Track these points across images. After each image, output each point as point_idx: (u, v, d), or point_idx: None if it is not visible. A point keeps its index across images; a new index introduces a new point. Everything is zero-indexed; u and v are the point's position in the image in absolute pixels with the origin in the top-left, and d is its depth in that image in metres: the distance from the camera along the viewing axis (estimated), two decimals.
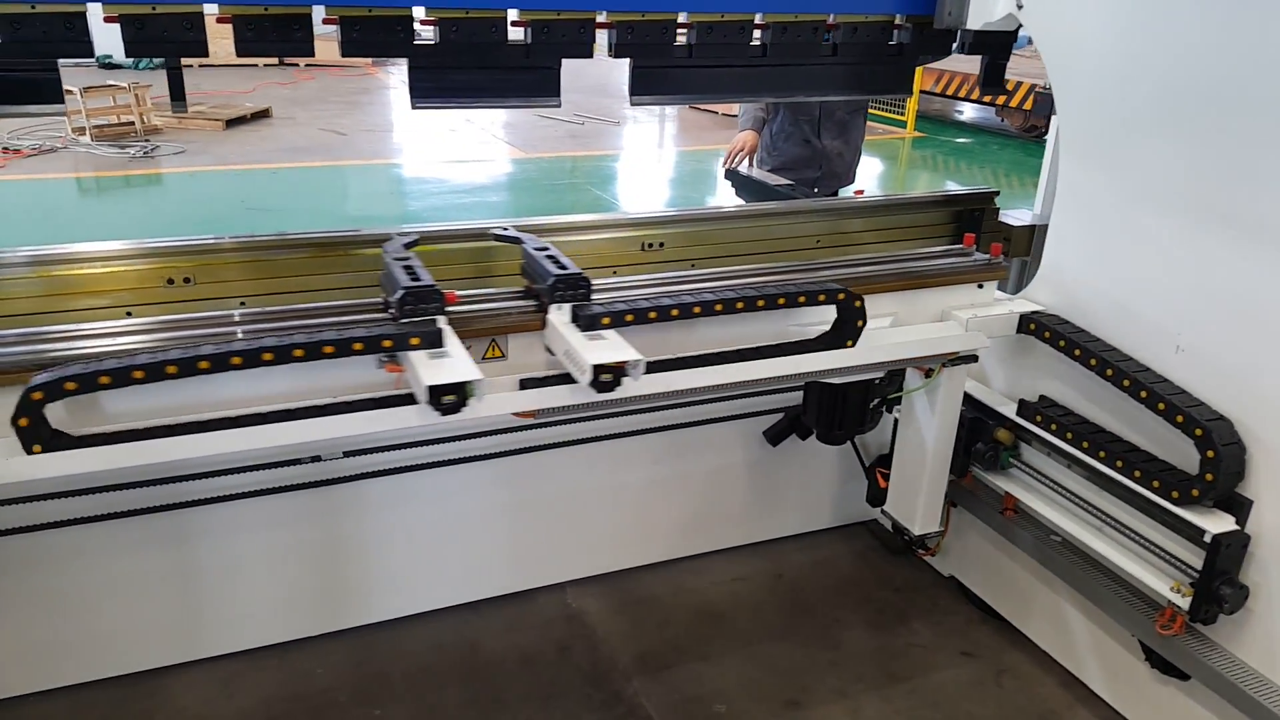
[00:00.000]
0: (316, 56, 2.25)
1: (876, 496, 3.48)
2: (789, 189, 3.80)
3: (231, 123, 12.02)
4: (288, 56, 2.16)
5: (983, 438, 3.07)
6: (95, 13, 2.14)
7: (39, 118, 9.57)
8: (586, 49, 2.54)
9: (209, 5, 2.23)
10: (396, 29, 2.34)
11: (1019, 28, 2.89)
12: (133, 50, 2.22)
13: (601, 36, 2.57)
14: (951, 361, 2.94)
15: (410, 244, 2.54)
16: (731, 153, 4.27)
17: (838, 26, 2.81)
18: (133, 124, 11.29)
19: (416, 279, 2.28)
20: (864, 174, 5.60)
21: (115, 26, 2.13)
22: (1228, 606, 2.45)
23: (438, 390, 2.04)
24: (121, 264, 2.49)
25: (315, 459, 2.81)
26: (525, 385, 2.37)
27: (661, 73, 2.70)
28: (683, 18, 2.61)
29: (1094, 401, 2.84)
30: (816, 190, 4.42)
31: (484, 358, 2.42)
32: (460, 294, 2.46)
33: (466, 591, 3.26)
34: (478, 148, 11.99)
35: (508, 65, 2.51)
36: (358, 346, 2.16)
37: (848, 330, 2.68)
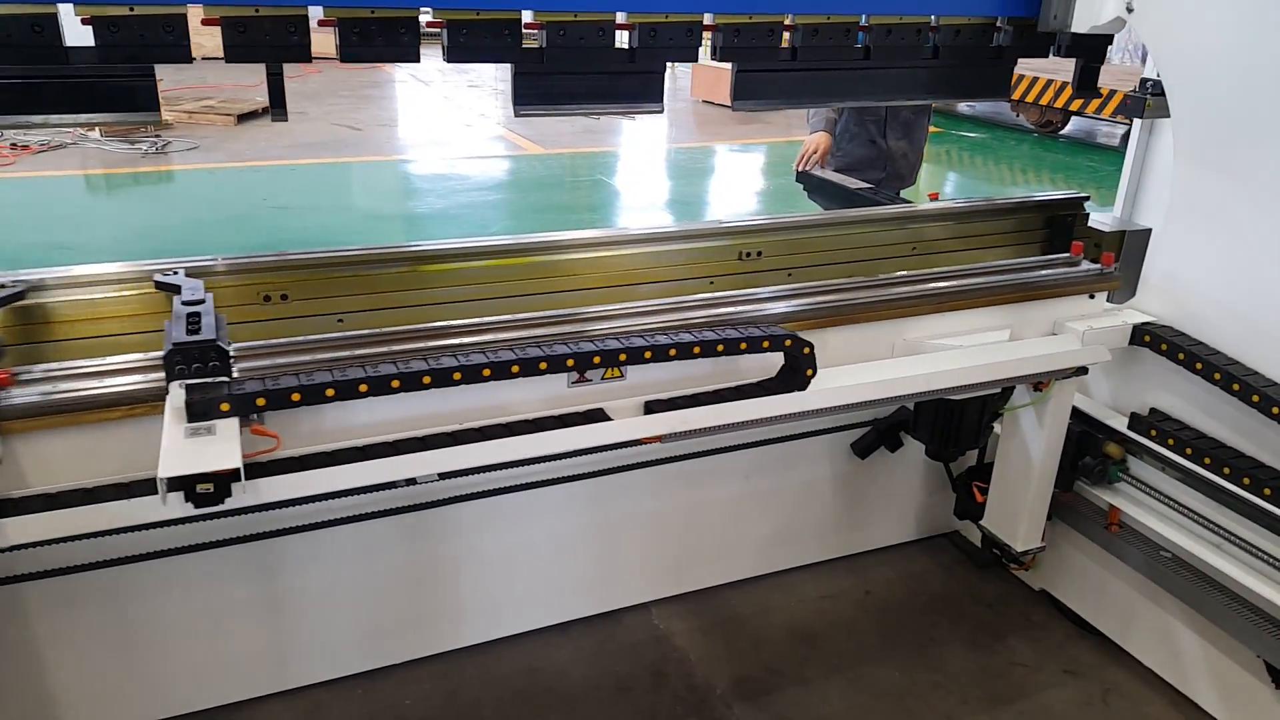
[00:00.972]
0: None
1: (968, 510, 3.39)
2: (872, 191, 3.70)
3: (243, 118, 11.85)
4: (391, 61, 2.18)
5: (1091, 451, 2.98)
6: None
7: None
8: (693, 53, 2.44)
9: (314, 7, 2.13)
10: (504, 33, 2.23)
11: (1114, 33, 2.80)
12: (233, 55, 2.09)
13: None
14: (1064, 375, 2.85)
15: (7, 298, 2.13)
16: (804, 155, 4.16)
17: (939, 29, 2.71)
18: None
19: None
20: None
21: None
22: None
23: None
24: (217, 280, 2.37)
25: (411, 482, 2.70)
26: (651, 409, 2.27)
27: (765, 76, 2.59)
28: (787, 20, 2.52)
29: (1212, 416, 2.76)
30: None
31: (603, 378, 2.31)
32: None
33: (553, 614, 3.16)
34: (494, 143, 11.84)
35: (613, 70, 2.41)
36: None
37: (796, 379, 2.40)
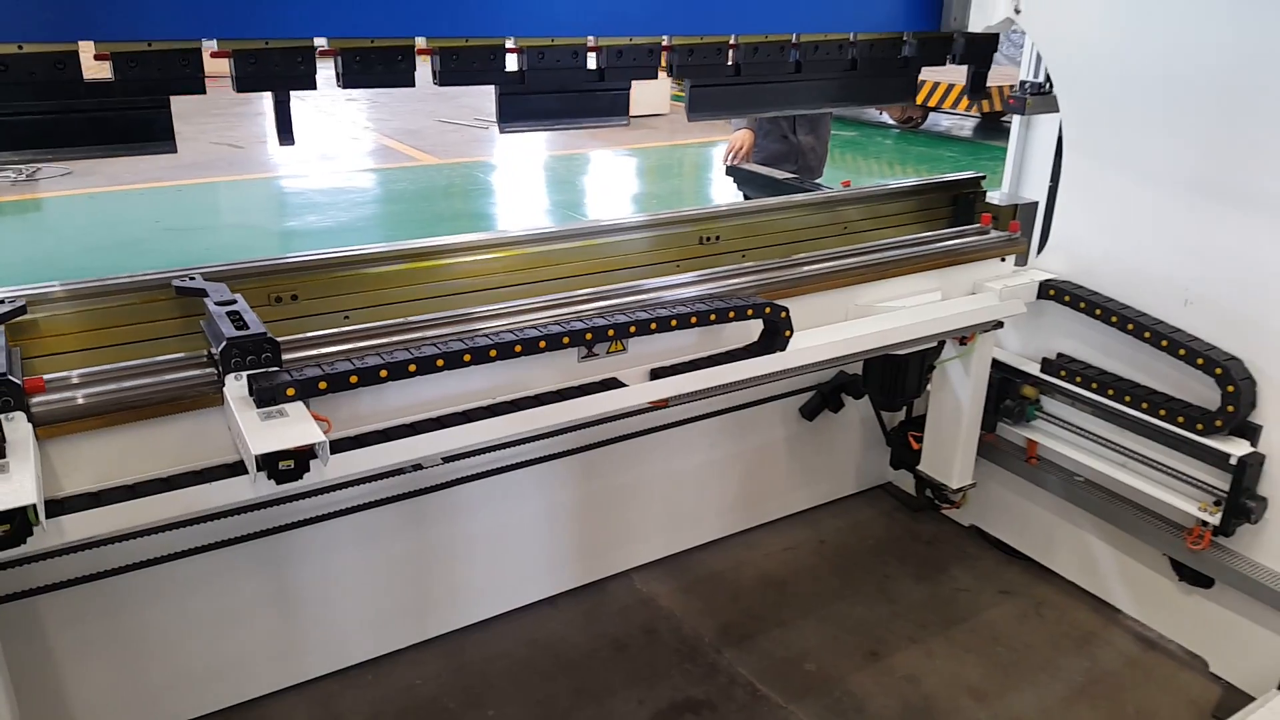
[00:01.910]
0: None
1: (904, 459, 3.79)
2: (797, 181, 4.06)
3: None
4: (389, 86, 2.21)
5: (1010, 395, 3.41)
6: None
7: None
8: (654, 71, 2.72)
9: (320, 40, 2.29)
10: (490, 58, 2.45)
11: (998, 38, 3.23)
12: (243, 86, 2.23)
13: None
14: (985, 328, 3.26)
15: (7, 314, 2.15)
16: (732, 150, 4.50)
17: (856, 43, 3.06)
18: None
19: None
20: None
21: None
22: (1254, 516, 2.86)
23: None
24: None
25: (417, 467, 2.87)
26: (656, 375, 2.54)
27: (715, 90, 2.89)
28: (732, 39, 2.82)
29: (1109, 354, 3.21)
30: None
31: (609, 352, 2.55)
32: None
33: (544, 588, 3.37)
34: (386, 155, 11.80)
35: (585, 88, 2.66)
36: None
37: (777, 342, 2.70)
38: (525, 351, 2.28)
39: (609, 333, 2.39)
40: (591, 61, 2.61)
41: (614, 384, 2.51)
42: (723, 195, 8.64)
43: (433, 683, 3.05)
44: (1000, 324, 3.32)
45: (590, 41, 2.58)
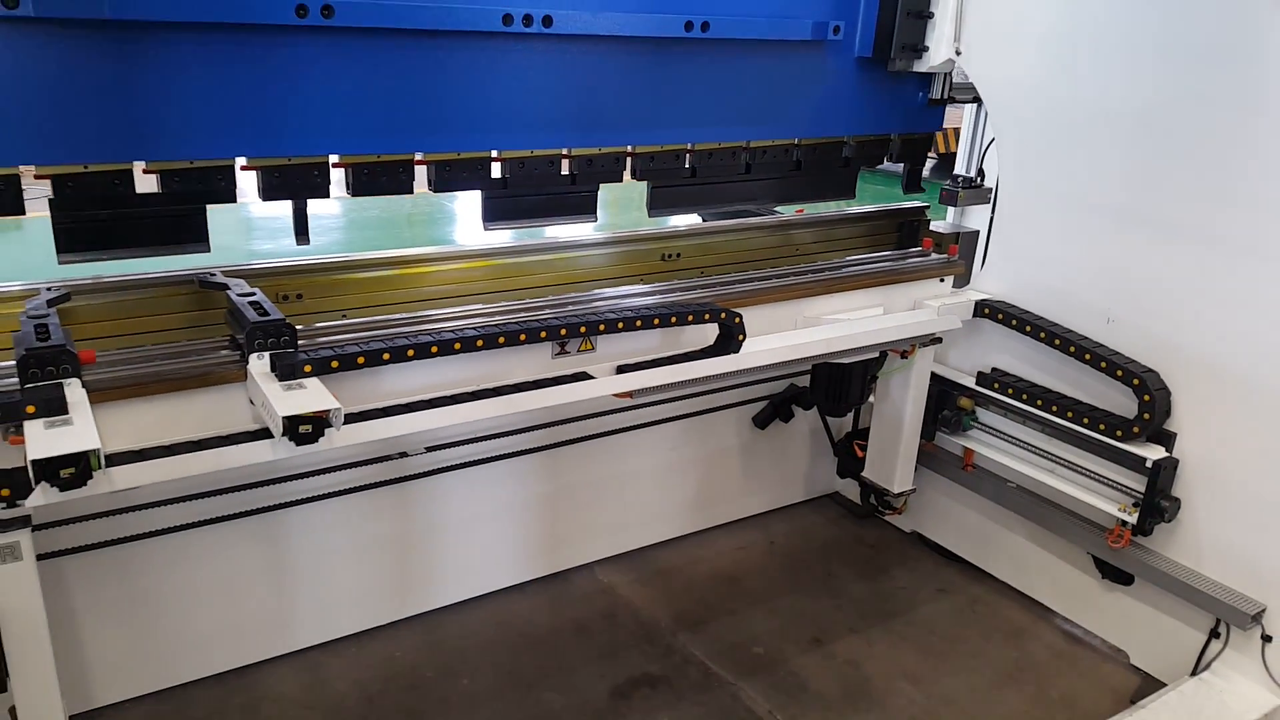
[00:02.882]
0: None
1: (850, 468, 4.04)
2: (754, 207, 4.36)
3: None
4: (392, 194, 2.59)
5: (948, 406, 3.68)
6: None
7: None
8: (619, 175, 3.11)
9: (332, 156, 2.62)
10: (477, 168, 2.81)
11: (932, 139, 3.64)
12: (268, 195, 2.59)
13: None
14: (924, 343, 3.54)
15: (56, 299, 2.42)
16: None
17: (801, 146, 3.39)
18: None
19: (46, 339, 2.14)
20: None
21: None
22: (1167, 516, 3.13)
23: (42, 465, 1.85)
24: None
25: (403, 455, 3.08)
26: (622, 370, 2.77)
27: (672, 190, 3.25)
28: (689, 147, 3.17)
29: (1039, 368, 3.50)
30: None
31: (579, 350, 2.79)
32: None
33: (512, 575, 3.58)
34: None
35: (559, 192, 3.03)
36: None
37: (731, 345, 2.95)
38: (508, 343, 2.53)
39: (581, 330, 2.63)
40: (565, 168, 2.98)
41: (584, 376, 2.73)
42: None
43: (411, 655, 3.25)
44: (939, 339, 3.60)
45: (564, 152, 2.95)
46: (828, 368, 3.58)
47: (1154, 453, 3.13)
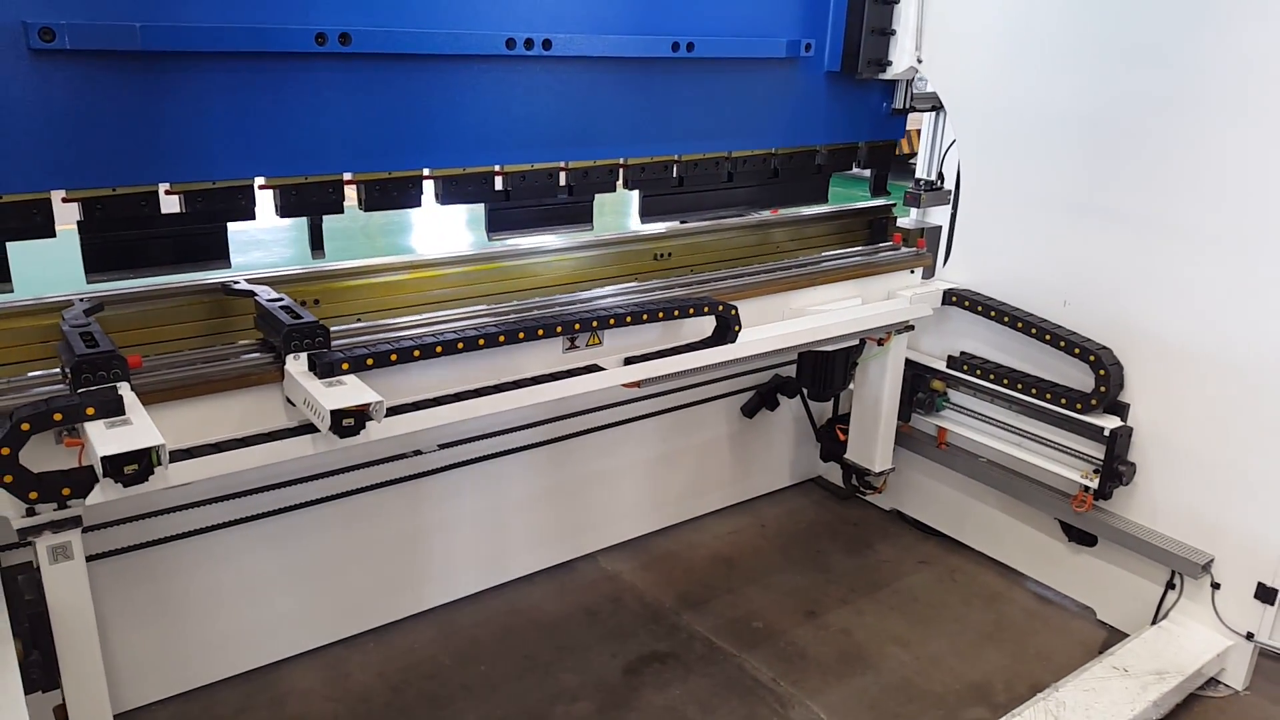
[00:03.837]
0: None
1: (832, 451, 4.29)
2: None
3: None
4: (403, 209, 2.77)
5: (921, 389, 3.95)
6: None
7: None
8: (612, 186, 3.33)
9: (347, 174, 2.79)
10: (482, 182, 3.02)
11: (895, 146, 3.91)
12: (285, 212, 2.75)
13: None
14: (899, 330, 3.80)
15: (92, 309, 2.52)
16: None
17: (778, 155, 3.64)
18: None
19: (95, 346, 2.23)
20: None
21: None
22: (1125, 479, 3.42)
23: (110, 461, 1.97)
24: None
25: (416, 453, 3.26)
26: (630, 361, 2.99)
27: (661, 199, 3.48)
28: (676, 158, 3.40)
29: (1003, 350, 3.78)
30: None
31: (588, 345, 2.99)
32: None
33: (522, 566, 3.78)
34: None
35: (557, 203, 3.24)
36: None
37: (728, 335, 3.18)
38: (528, 338, 2.72)
39: (594, 324, 2.84)
40: (562, 180, 3.19)
41: (594, 368, 2.95)
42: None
43: (429, 646, 3.42)
44: (911, 326, 3.86)
45: (562, 165, 3.16)
46: (813, 356, 3.82)
47: (1110, 422, 3.42)
